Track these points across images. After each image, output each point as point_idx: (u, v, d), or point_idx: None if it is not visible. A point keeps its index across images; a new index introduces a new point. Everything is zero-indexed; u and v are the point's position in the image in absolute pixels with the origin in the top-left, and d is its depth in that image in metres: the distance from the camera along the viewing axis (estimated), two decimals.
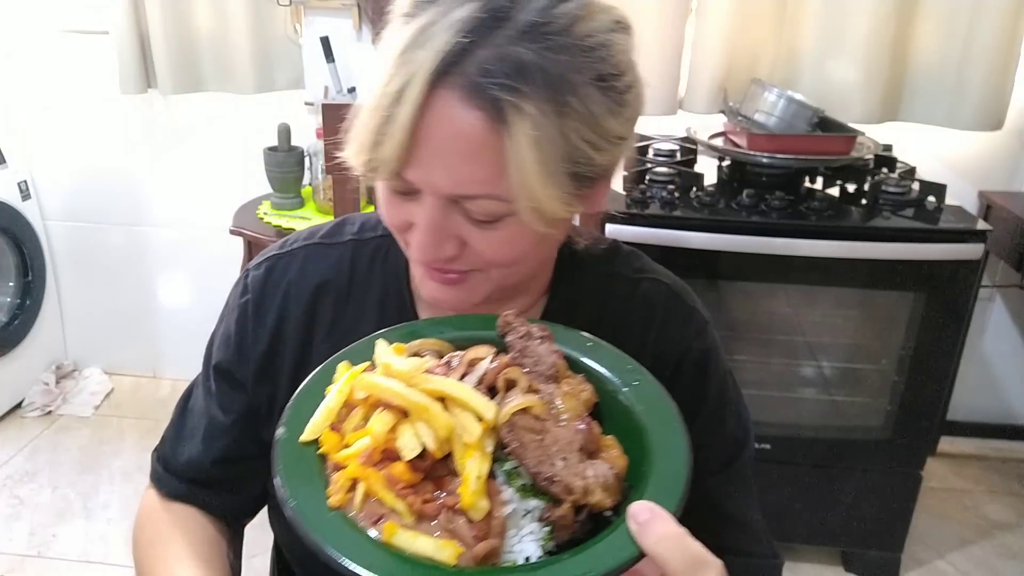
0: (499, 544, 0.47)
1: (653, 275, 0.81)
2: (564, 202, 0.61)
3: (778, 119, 1.90)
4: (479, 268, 0.67)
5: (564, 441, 0.49)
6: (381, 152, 0.59)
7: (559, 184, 0.59)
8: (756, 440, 0.82)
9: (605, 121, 0.61)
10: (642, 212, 1.76)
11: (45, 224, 2.67)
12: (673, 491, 0.48)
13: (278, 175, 2.21)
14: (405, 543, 0.47)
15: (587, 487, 0.47)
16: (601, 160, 0.62)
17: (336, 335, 0.78)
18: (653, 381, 0.58)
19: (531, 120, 0.56)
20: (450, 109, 0.57)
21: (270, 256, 0.82)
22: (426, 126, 0.58)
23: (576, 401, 0.53)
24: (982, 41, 1.99)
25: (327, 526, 0.47)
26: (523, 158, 0.57)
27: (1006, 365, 2.47)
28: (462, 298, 0.69)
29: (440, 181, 0.60)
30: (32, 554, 2.05)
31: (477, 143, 0.58)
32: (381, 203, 0.68)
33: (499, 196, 0.60)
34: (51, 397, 2.66)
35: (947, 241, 1.71)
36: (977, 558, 2.10)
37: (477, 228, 0.63)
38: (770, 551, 0.78)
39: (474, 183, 0.60)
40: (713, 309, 2.00)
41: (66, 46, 2.47)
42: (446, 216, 0.62)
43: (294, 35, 2.39)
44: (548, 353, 0.56)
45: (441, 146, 0.59)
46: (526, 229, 0.62)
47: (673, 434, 0.52)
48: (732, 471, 0.77)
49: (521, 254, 0.66)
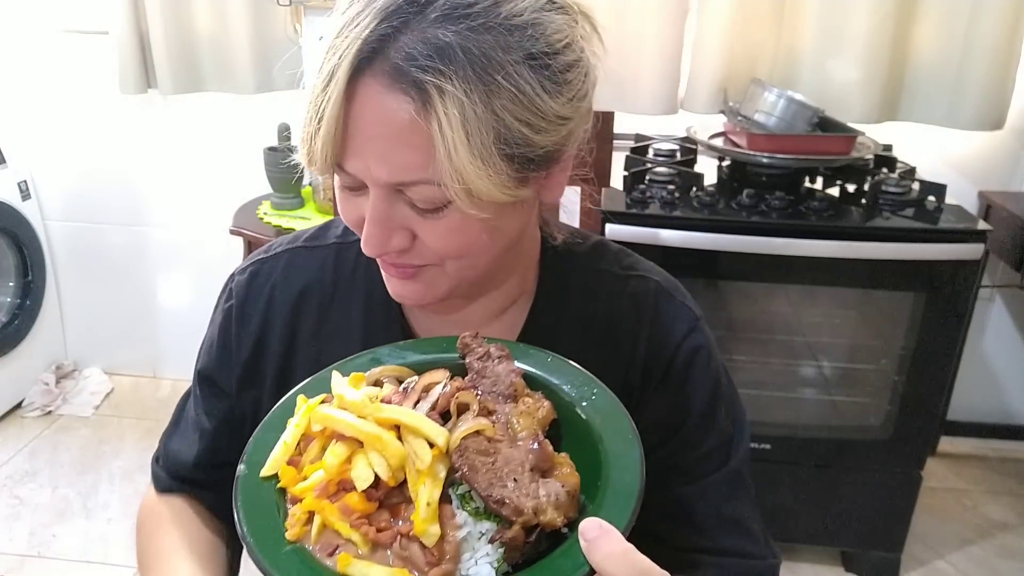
0: (452, 569, 0.48)
1: (642, 272, 0.80)
2: (501, 185, 0.60)
3: (778, 119, 1.90)
4: (432, 262, 0.66)
5: (516, 462, 0.49)
6: (316, 144, 0.60)
7: (493, 166, 0.58)
8: (756, 440, 0.82)
9: (541, 101, 0.59)
10: (642, 212, 1.76)
11: (45, 224, 2.67)
12: (624, 507, 0.48)
13: (278, 175, 2.21)
14: (359, 573, 0.48)
15: (537, 507, 0.48)
16: (542, 141, 0.61)
17: (321, 339, 0.78)
18: (609, 394, 0.58)
19: (456, 101, 0.56)
20: (376, 96, 0.58)
21: (255, 261, 0.82)
22: (355, 116, 0.58)
23: (532, 420, 0.54)
24: (982, 40, 1.99)
25: (283, 559, 0.48)
26: (451, 139, 0.56)
27: (1006, 365, 2.47)
28: (423, 292, 0.69)
29: (376, 170, 0.60)
30: (32, 554, 2.05)
31: (406, 128, 0.57)
32: (337, 201, 0.68)
33: (433, 180, 0.59)
34: (51, 397, 2.66)
35: (947, 241, 1.71)
36: (977, 558, 2.10)
37: (422, 218, 0.63)
38: (768, 551, 0.77)
39: (407, 169, 0.59)
40: (713, 309, 2.00)
41: (66, 46, 2.47)
42: (391, 207, 0.62)
43: (294, 35, 2.39)
44: (506, 372, 0.57)
45: (372, 133, 0.59)
46: (470, 218, 0.61)
47: (627, 447, 0.53)
48: (728, 470, 0.77)
49: (470, 245, 0.64)
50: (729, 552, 0.75)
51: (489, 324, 0.79)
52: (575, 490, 0.50)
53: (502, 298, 0.78)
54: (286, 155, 2.18)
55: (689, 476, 0.76)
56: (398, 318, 0.78)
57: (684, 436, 0.76)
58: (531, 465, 0.50)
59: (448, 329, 0.77)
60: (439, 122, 0.56)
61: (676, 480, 0.76)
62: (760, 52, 2.14)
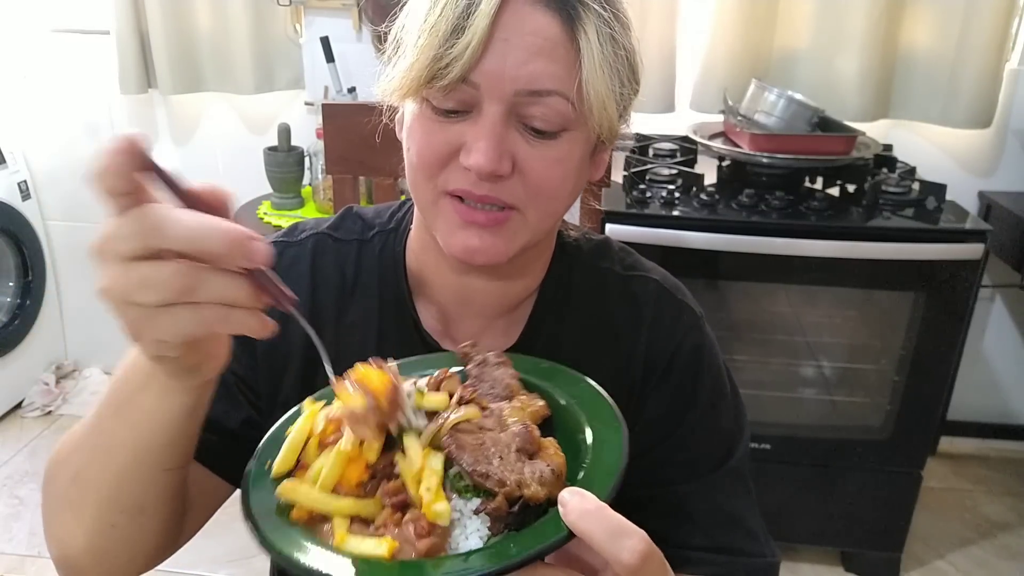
0: (441, 543, 0.50)
1: (643, 272, 0.81)
2: (613, 120, 0.66)
3: (778, 119, 1.90)
4: (520, 203, 0.66)
5: (502, 444, 0.53)
6: (454, 51, 0.61)
7: (614, 97, 0.65)
8: (756, 440, 0.82)
9: (635, 69, 0.68)
10: (642, 212, 1.76)
11: (45, 224, 2.67)
12: (605, 482, 0.50)
13: (278, 175, 2.21)
14: (353, 546, 0.50)
15: (520, 481, 0.50)
16: (627, 101, 0.68)
17: (340, 331, 0.78)
18: (596, 387, 0.61)
19: (597, 28, 0.63)
20: (524, 11, 0.62)
21: (278, 242, 0.81)
22: (502, 26, 0.62)
23: (523, 412, 0.57)
24: (974, 39, 2.00)
25: (281, 532, 0.51)
26: (594, 56, 0.62)
27: (1006, 365, 2.47)
28: (498, 247, 0.68)
29: (515, 76, 0.62)
30: (32, 554, 2.05)
31: (553, 41, 0.62)
32: (417, 135, 0.67)
33: (569, 95, 0.63)
34: (51, 397, 2.66)
35: (947, 241, 1.71)
36: (977, 558, 2.10)
37: (530, 146, 0.65)
38: (767, 549, 0.77)
39: (549, 77, 0.63)
40: (713, 309, 2.00)
41: (67, 46, 2.47)
42: (505, 129, 0.64)
43: (294, 35, 2.39)
44: (504, 376, 0.61)
45: (517, 43, 0.62)
46: (572, 154, 0.66)
47: (611, 432, 0.55)
48: (727, 468, 0.77)
49: (563, 181, 0.67)
50: (728, 550, 0.75)
51: (494, 322, 0.79)
52: (560, 469, 0.52)
53: (518, 289, 0.78)
54: (286, 155, 2.19)
55: (689, 473, 0.76)
56: (411, 314, 0.78)
57: (684, 434, 0.77)
58: (517, 447, 0.53)
59: (458, 324, 0.78)
60: (586, 39, 0.62)
61: (676, 477, 0.76)
62: (760, 52, 2.15)
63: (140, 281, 0.45)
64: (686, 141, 2.07)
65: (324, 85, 2.32)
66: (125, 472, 0.61)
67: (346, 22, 2.33)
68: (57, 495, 0.66)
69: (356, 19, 2.32)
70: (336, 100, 2.23)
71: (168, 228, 0.44)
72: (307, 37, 2.37)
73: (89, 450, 0.62)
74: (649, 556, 0.47)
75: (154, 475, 0.62)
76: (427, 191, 0.68)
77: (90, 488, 0.62)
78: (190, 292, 0.45)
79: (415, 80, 0.63)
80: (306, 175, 2.25)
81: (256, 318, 0.49)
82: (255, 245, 0.46)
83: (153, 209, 0.45)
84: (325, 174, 2.11)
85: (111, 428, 0.60)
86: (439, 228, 0.69)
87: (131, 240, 0.45)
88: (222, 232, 0.45)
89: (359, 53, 2.33)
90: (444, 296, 0.78)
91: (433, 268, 0.77)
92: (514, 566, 0.46)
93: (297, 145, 2.25)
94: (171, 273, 0.45)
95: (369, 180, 1.91)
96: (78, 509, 0.63)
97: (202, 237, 0.45)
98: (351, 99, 2.24)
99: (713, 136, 2.03)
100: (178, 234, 0.44)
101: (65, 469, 0.65)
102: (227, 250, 0.45)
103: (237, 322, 0.48)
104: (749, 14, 2.09)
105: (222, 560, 1.97)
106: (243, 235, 0.45)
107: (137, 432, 0.59)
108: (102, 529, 0.63)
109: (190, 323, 0.47)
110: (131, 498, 0.62)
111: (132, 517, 0.63)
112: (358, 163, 1.47)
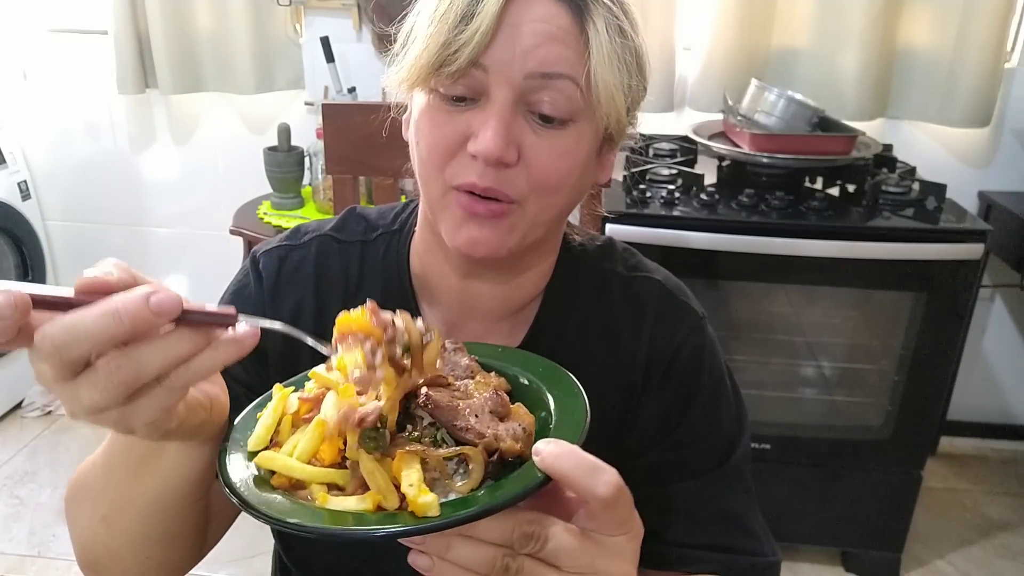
0: None
1: (646, 272, 0.81)
2: (620, 112, 0.67)
3: (778, 119, 1.90)
4: (521, 196, 0.67)
5: (477, 406, 0.56)
6: (463, 37, 0.62)
7: (622, 89, 0.66)
8: (756, 440, 0.82)
9: (643, 67, 0.69)
10: (642, 212, 1.76)
11: (45, 224, 2.66)
12: (574, 431, 0.54)
13: (278, 175, 2.21)
14: (336, 504, 0.52)
15: (497, 435, 0.54)
16: (637, 96, 0.69)
17: None
18: (553, 364, 0.64)
19: (607, 19, 0.64)
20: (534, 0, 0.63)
21: (281, 246, 0.81)
22: (511, 13, 0.63)
23: (488, 387, 0.59)
24: (973, 38, 2.01)
25: (266, 497, 0.52)
26: (603, 46, 0.63)
27: (1006, 365, 2.47)
28: (499, 239, 0.68)
29: (525, 56, 0.63)
30: (32, 554, 2.05)
31: (563, 27, 0.63)
32: (425, 126, 0.67)
33: (579, 80, 0.64)
34: (51, 397, 2.66)
35: (947, 241, 1.71)
36: (977, 558, 2.10)
37: (538, 136, 0.65)
38: (768, 549, 0.78)
39: (559, 60, 0.63)
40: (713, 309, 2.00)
41: (66, 45, 2.47)
42: (513, 117, 0.64)
43: (294, 35, 2.39)
44: (462, 359, 0.63)
45: (528, 30, 0.63)
46: (583, 143, 0.67)
47: (573, 399, 0.59)
48: (728, 468, 0.77)
49: (567, 173, 0.67)
50: (729, 549, 0.75)
51: (498, 324, 0.79)
52: (531, 427, 0.56)
53: (523, 292, 0.78)
54: (286, 155, 2.19)
55: (690, 472, 0.76)
56: (413, 306, 0.78)
57: (685, 433, 0.77)
58: (490, 408, 0.56)
59: (462, 326, 0.78)
60: (594, 29, 0.64)
61: (677, 476, 0.76)
62: (760, 52, 2.15)
63: (88, 389, 0.45)
64: (686, 141, 2.07)
65: (324, 85, 2.32)
66: (153, 515, 0.64)
67: (346, 22, 2.33)
68: (86, 533, 0.69)
69: (356, 19, 2.32)
70: (336, 100, 2.23)
71: (68, 339, 0.43)
72: (307, 37, 2.37)
73: (112, 499, 0.65)
74: (622, 489, 0.50)
75: (183, 512, 0.66)
76: (437, 185, 0.68)
77: (122, 531, 0.66)
78: (137, 375, 0.45)
79: (424, 67, 0.64)
80: (306, 175, 2.25)
81: (223, 349, 0.47)
82: (156, 301, 0.44)
83: (48, 331, 0.43)
84: (325, 174, 2.11)
85: (130, 485, 0.63)
86: (444, 222, 0.69)
87: (51, 365, 0.44)
88: (118, 314, 0.43)
89: (359, 53, 2.33)
90: (448, 298, 0.78)
91: (437, 270, 0.77)
92: (496, 508, 0.48)
93: (297, 145, 2.26)
94: (106, 370, 0.44)
95: (369, 180, 1.91)
96: (112, 551, 0.68)
97: (100, 329, 0.43)
98: (351, 99, 2.25)
99: (713, 136, 2.03)
100: (78, 337, 0.43)
101: (90, 509, 0.67)
102: (132, 325, 0.44)
103: (203, 368, 0.47)
104: (748, 13, 2.09)
105: (222, 560, 1.97)
106: (138, 303, 0.43)
107: (161, 487, 0.62)
108: (137, 560, 0.68)
109: (163, 397, 0.47)
110: (163, 532, 0.66)
111: (165, 547, 0.68)
112: (358, 163, 1.47)
